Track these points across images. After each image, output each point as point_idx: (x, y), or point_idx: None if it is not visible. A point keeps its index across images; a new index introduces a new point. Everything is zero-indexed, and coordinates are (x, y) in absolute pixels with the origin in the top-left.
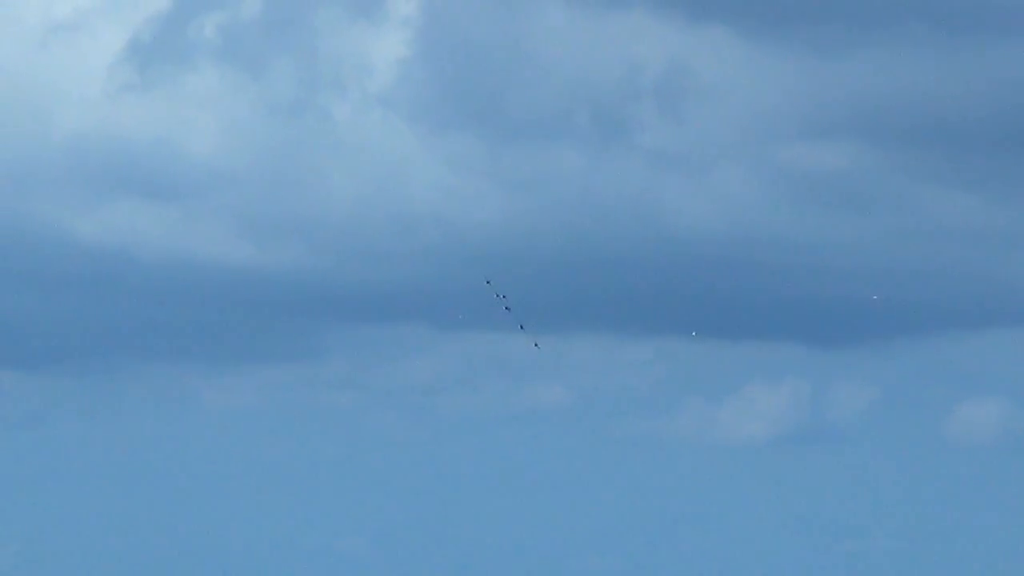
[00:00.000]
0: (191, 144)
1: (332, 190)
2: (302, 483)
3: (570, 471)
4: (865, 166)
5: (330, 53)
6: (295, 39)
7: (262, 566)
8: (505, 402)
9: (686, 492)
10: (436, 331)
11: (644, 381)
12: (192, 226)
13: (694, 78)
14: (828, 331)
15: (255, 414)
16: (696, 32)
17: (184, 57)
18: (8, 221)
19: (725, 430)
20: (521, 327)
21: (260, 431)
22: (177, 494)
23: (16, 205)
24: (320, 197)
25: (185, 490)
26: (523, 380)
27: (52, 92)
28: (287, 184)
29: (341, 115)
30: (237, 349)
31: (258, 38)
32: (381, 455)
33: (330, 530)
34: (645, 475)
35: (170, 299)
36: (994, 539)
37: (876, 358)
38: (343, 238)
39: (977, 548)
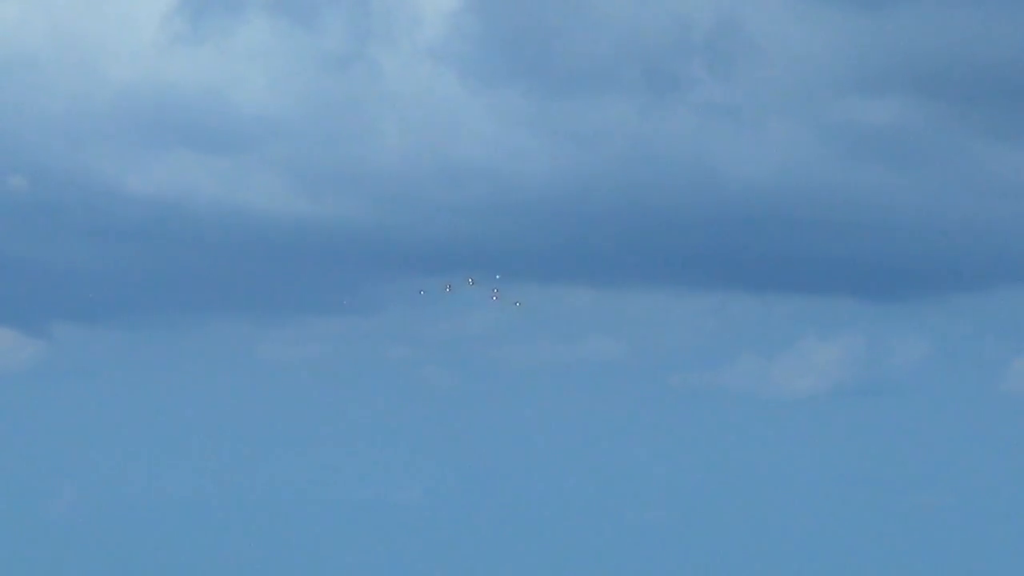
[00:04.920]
0: (242, 96)
1: (382, 143)
2: (357, 435)
3: (624, 424)
4: (917, 120)
5: (381, 5)
6: None
7: (317, 518)
8: (560, 355)
9: (740, 446)
10: (490, 284)
11: (698, 335)
12: (243, 178)
13: (745, 32)
14: (882, 285)
15: (308, 367)
16: None
17: (236, 9)
18: (60, 174)
19: (779, 384)
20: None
21: (313, 384)
22: (231, 445)
23: (68, 157)
24: (370, 150)
25: (239, 442)
26: (578, 334)
27: (104, 44)
28: (337, 136)
29: (392, 68)
30: (288, 302)
31: None
32: (435, 408)
33: (384, 482)
34: (699, 429)
35: (221, 251)
36: None
37: (930, 312)
38: (393, 191)
39: None
